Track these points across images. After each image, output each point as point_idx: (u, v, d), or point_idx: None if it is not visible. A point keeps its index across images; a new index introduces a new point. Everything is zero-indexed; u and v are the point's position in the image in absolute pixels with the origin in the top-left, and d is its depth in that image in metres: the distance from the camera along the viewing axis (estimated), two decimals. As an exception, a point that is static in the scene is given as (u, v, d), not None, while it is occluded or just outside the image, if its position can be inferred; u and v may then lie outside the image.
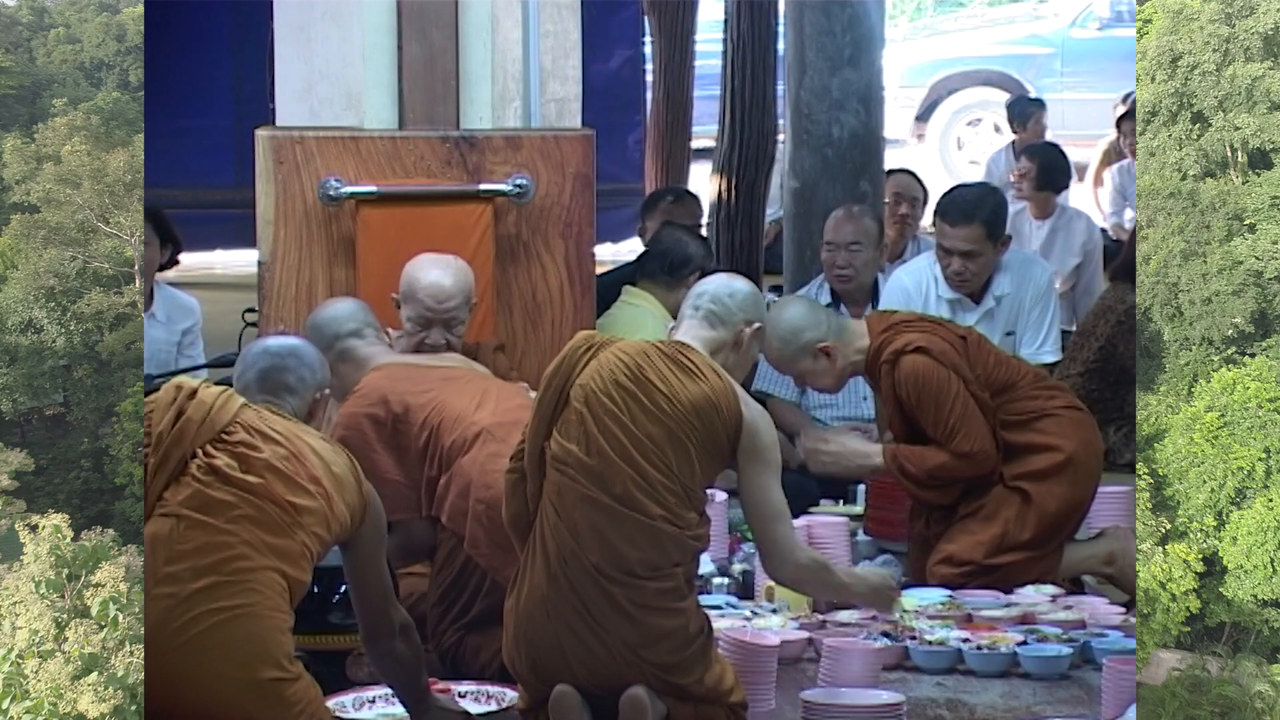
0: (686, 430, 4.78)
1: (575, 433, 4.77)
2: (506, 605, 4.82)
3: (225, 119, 12.65)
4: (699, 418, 4.79)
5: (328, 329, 5.80)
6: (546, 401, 4.83)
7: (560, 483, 4.76)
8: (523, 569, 4.80)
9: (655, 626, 4.71)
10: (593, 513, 4.73)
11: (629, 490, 4.73)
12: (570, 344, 4.90)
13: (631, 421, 4.77)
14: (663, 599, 4.72)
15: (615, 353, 4.85)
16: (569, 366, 4.84)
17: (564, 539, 4.73)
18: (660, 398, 4.79)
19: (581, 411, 4.78)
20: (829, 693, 4.98)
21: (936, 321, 6.49)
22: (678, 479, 4.77)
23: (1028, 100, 12.89)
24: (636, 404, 4.78)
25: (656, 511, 4.74)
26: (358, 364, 5.75)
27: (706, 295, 5.02)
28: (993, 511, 6.26)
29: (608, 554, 4.70)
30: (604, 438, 4.75)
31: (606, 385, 4.80)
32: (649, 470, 4.75)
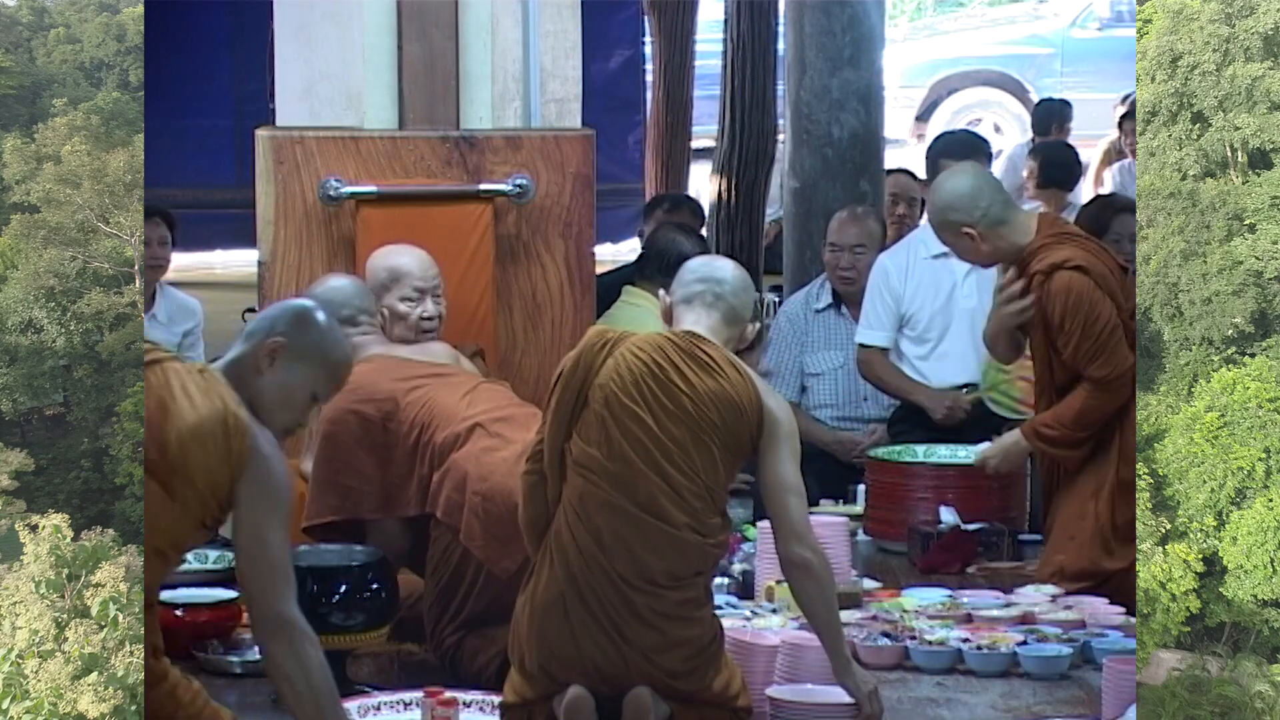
0: (709, 431, 4.70)
1: (596, 435, 4.70)
2: (519, 602, 4.79)
3: (225, 119, 12.65)
4: (721, 417, 4.72)
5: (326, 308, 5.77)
6: (565, 401, 4.73)
7: (583, 488, 4.69)
8: (538, 567, 4.77)
9: (674, 635, 4.68)
10: (617, 520, 4.67)
11: (654, 497, 4.66)
12: (585, 342, 4.80)
13: (655, 424, 4.69)
14: (684, 608, 4.69)
15: (632, 350, 4.76)
16: (586, 366, 4.74)
17: (586, 544, 4.68)
18: (682, 398, 4.71)
19: (602, 414, 4.70)
20: (796, 690, 4.96)
21: (1101, 245, 6.34)
22: (702, 482, 4.70)
23: (1053, 102, 12.86)
24: (659, 406, 4.70)
25: (682, 520, 4.67)
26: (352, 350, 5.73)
27: (715, 282, 4.89)
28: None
29: (632, 563, 4.66)
30: (627, 441, 4.67)
31: (627, 386, 4.71)
32: (674, 475, 4.68)
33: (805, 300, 7.99)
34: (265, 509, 4.36)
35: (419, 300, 6.03)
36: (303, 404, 4.49)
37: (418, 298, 6.03)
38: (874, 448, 7.29)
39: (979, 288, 7.42)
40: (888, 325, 7.48)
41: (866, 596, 6.19)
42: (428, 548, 5.62)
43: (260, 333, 4.44)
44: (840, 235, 7.86)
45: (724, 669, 4.79)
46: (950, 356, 7.49)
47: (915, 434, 7.42)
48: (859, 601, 6.11)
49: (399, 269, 6.03)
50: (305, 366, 4.46)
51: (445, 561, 5.49)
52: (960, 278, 7.45)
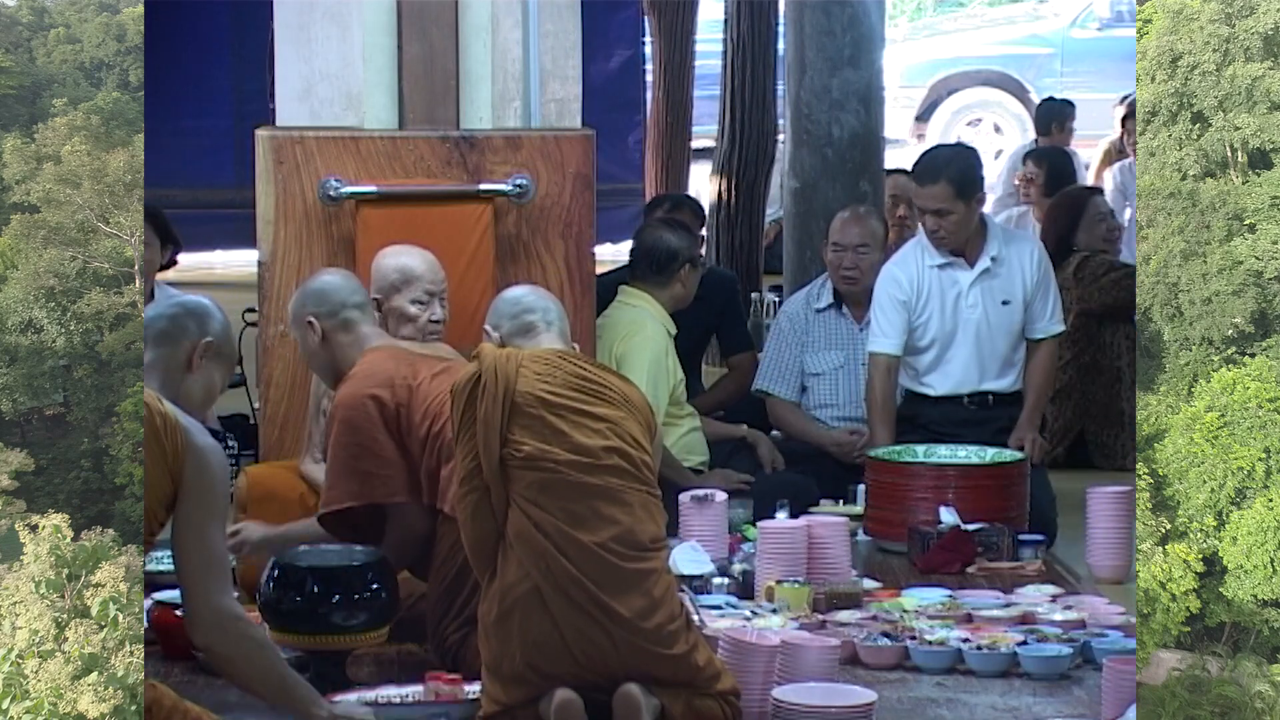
0: (634, 411, 5.05)
1: (544, 433, 4.92)
2: (482, 611, 4.87)
3: (225, 119, 12.67)
4: (634, 407, 5.08)
5: (335, 295, 5.78)
6: (494, 411, 4.91)
7: (541, 480, 4.87)
8: (496, 576, 4.86)
9: (657, 598, 4.84)
10: (591, 497, 4.87)
11: (618, 472, 4.91)
12: (491, 359, 5.01)
13: (597, 410, 4.97)
14: (661, 568, 4.92)
15: (536, 362, 5.04)
16: (504, 377, 4.95)
17: (558, 529, 4.82)
18: (605, 388, 5.04)
19: (539, 414, 4.93)
20: (800, 690, 4.97)
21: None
22: (649, 454, 5.02)
23: (1058, 102, 12.86)
24: (594, 395, 5.00)
25: (643, 487, 4.95)
26: (357, 339, 5.74)
27: (554, 310, 5.43)
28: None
29: (618, 531, 4.85)
30: (577, 432, 4.92)
31: (555, 387, 4.98)
32: (629, 450, 4.94)
33: (806, 300, 7.99)
34: (205, 502, 4.42)
35: (428, 303, 6.04)
36: (216, 398, 4.67)
37: (427, 300, 6.04)
38: (872, 448, 7.30)
39: (983, 297, 7.45)
40: (900, 334, 7.48)
41: (866, 596, 6.19)
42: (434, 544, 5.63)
43: (179, 333, 4.56)
44: (843, 235, 7.86)
45: (700, 643, 4.92)
46: (955, 366, 7.50)
47: (915, 434, 7.43)
48: (859, 601, 6.11)
49: (410, 271, 6.03)
50: (222, 362, 4.63)
51: (451, 558, 5.49)
52: (965, 287, 7.46)
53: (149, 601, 5.88)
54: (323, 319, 5.71)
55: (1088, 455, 8.87)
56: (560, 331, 5.40)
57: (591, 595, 4.78)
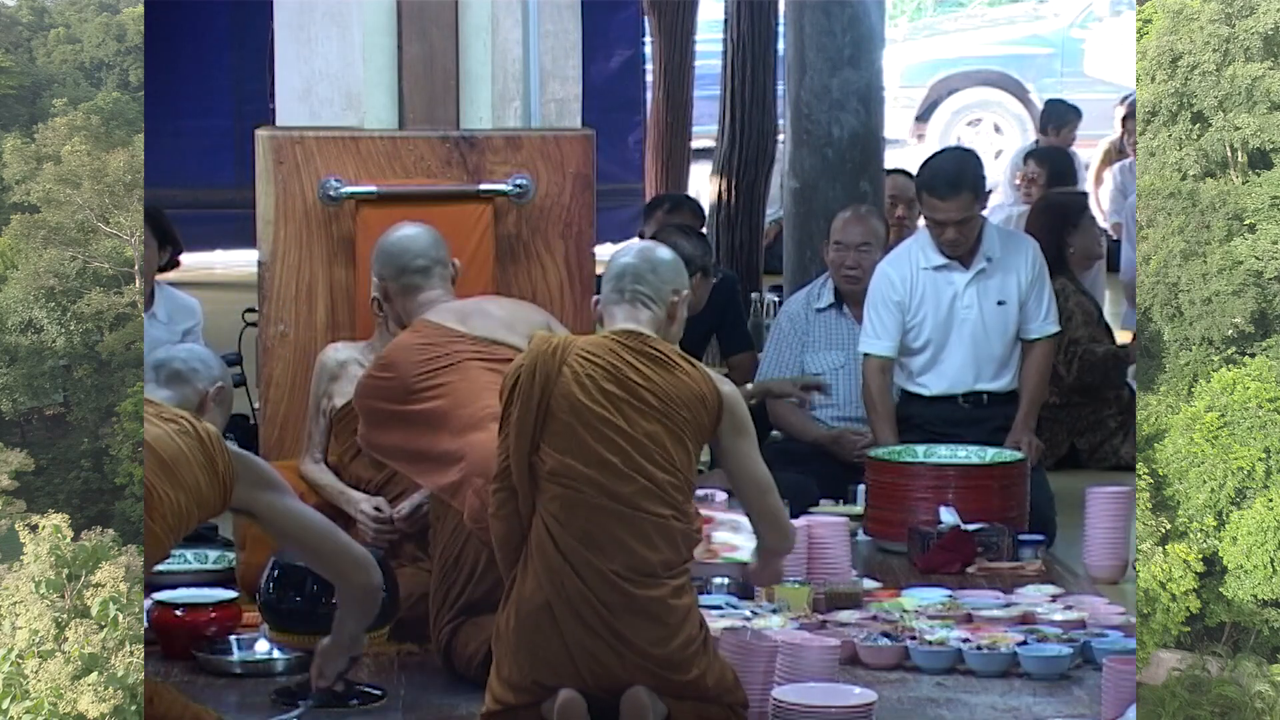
0: (680, 423, 4.78)
1: (568, 444, 4.74)
2: (502, 614, 4.81)
3: (225, 119, 12.68)
4: (688, 409, 4.79)
5: (400, 259, 5.89)
6: (526, 415, 4.77)
7: (563, 495, 4.74)
8: (519, 579, 4.79)
9: (672, 625, 4.73)
10: (606, 520, 4.72)
11: (638, 496, 4.72)
12: (534, 352, 4.81)
13: (628, 425, 4.75)
14: (678, 595, 4.76)
15: (585, 355, 4.80)
16: (544, 376, 4.77)
17: (574, 548, 4.71)
18: (648, 395, 4.77)
19: (571, 423, 4.75)
20: (800, 690, 4.96)
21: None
22: (681, 474, 4.78)
23: (1065, 106, 12.85)
24: (629, 406, 4.76)
25: (667, 512, 4.76)
26: (417, 306, 5.82)
27: (629, 276, 4.95)
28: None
29: (629, 558, 4.71)
30: (603, 446, 4.73)
31: (592, 392, 4.76)
32: (655, 472, 4.75)
33: (806, 300, 7.99)
34: (274, 485, 4.80)
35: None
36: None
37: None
38: (872, 447, 7.30)
39: (979, 298, 7.45)
40: (893, 335, 7.47)
41: (866, 596, 6.20)
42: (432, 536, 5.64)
43: (193, 376, 4.94)
44: (845, 234, 7.86)
45: (716, 660, 4.83)
46: (950, 366, 7.50)
47: (910, 434, 7.43)
48: (859, 601, 6.11)
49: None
50: (225, 405, 5.06)
51: (454, 539, 5.48)
52: (960, 288, 7.47)
53: (149, 601, 5.88)
54: (387, 280, 5.89)
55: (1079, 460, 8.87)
56: (646, 298, 4.94)
57: (603, 619, 4.71)
